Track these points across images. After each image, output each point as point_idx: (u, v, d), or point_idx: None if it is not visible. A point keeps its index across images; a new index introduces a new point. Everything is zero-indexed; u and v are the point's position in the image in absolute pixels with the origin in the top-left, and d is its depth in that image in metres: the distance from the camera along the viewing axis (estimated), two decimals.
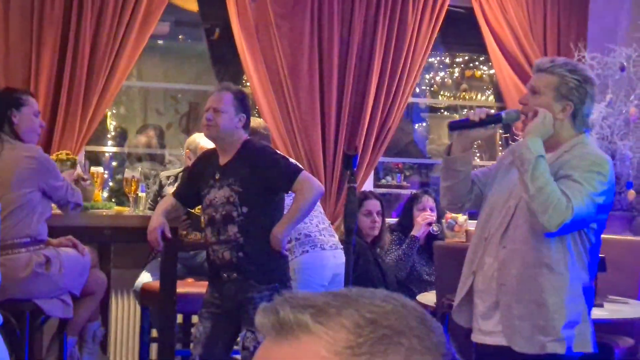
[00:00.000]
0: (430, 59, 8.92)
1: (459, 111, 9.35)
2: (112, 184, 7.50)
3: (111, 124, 8.55)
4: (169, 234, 4.69)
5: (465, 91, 9.45)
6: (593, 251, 3.43)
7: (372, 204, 5.96)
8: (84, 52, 5.88)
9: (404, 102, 6.71)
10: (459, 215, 5.93)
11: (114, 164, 8.13)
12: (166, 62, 9.36)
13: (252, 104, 5.99)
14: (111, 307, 5.96)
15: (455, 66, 9.51)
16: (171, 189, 5.47)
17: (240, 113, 4.49)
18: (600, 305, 4.48)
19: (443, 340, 0.99)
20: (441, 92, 9.72)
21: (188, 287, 5.46)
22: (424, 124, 10.22)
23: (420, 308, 1.00)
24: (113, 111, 8.55)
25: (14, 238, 4.69)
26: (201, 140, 5.51)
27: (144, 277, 5.67)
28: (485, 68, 9.12)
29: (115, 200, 6.23)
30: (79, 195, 4.92)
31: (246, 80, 6.92)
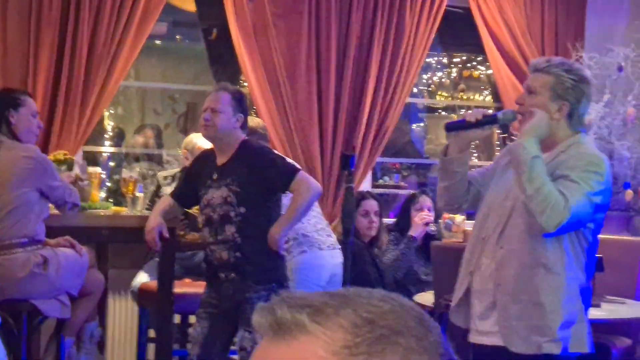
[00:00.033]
0: (428, 59, 8.92)
1: (456, 111, 9.35)
2: (110, 184, 7.49)
3: (109, 125, 8.56)
4: (166, 234, 4.69)
5: (462, 91, 9.45)
6: (590, 251, 3.43)
7: (369, 204, 5.96)
8: (81, 52, 5.88)
9: (402, 102, 6.71)
10: (456, 216, 5.92)
11: (111, 164, 8.13)
12: (164, 62, 9.37)
13: (250, 104, 5.98)
14: (108, 308, 5.96)
15: (453, 66, 9.51)
16: (169, 189, 5.47)
17: (238, 113, 4.49)
18: (598, 305, 4.48)
19: (441, 340, 0.99)
20: (439, 92, 9.72)
21: (185, 287, 5.46)
22: (421, 124, 10.23)
23: (418, 308, 1.00)
24: (111, 111, 8.55)
25: (11, 238, 4.69)
26: (198, 141, 5.51)
27: (142, 278, 5.67)
28: (483, 68, 9.12)
29: (113, 201, 6.23)
30: (76, 195, 4.92)
31: (244, 81, 6.92)
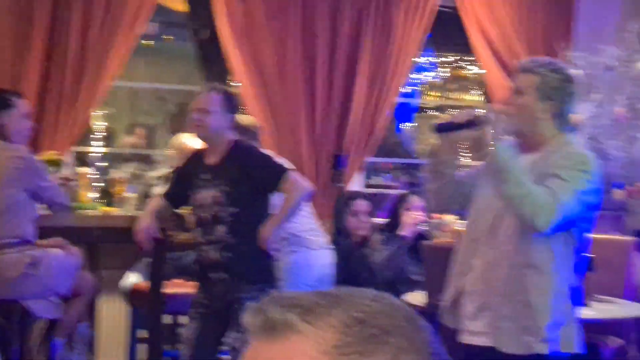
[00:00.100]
0: (419, 59, 8.92)
1: (447, 111, 9.36)
2: (101, 185, 7.47)
3: (99, 125, 8.54)
4: (157, 234, 4.68)
5: (453, 91, 9.46)
6: (580, 251, 3.43)
7: (360, 204, 5.96)
8: (71, 53, 5.87)
9: (392, 102, 6.71)
10: (447, 215, 5.93)
11: (102, 164, 8.10)
12: (154, 63, 9.36)
13: (240, 103, 5.97)
14: (99, 308, 5.95)
15: (445, 66, 9.53)
16: (159, 189, 5.46)
17: (228, 113, 4.49)
18: (588, 305, 4.48)
19: (432, 340, 0.99)
20: (429, 92, 9.73)
21: (176, 287, 5.46)
22: (412, 124, 10.24)
23: (408, 308, 1.00)
24: (101, 112, 8.53)
25: (2, 238, 4.68)
26: (187, 141, 5.51)
27: (132, 278, 5.66)
28: (475, 68, 9.13)
29: (105, 201, 6.21)
30: (65, 196, 4.91)
31: (233, 81, 6.90)
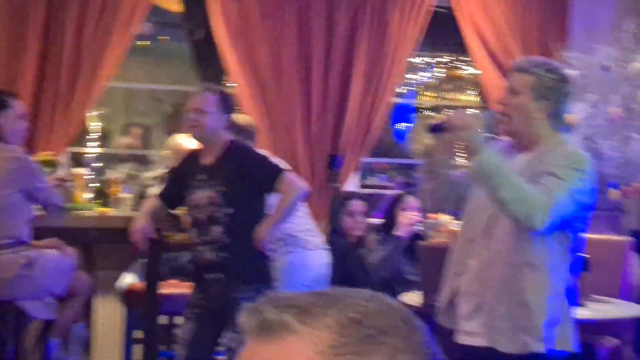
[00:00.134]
0: (414, 59, 8.92)
1: (442, 111, 9.36)
2: (97, 185, 7.47)
3: (94, 125, 8.53)
4: (152, 235, 4.68)
5: (449, 91, 9.46)
6: (575, 251, 3.43)
7: (355, 204, 5.96)
8: (67, 53, 5.86)
9: (388, 102, 6.71)
10: (442, 215, 5.93)
11: (97, 164, 8.10)
12: (149, 63, 9.35)
13: (235, 104, 5.97)
14: (94, 309, 5.94)
15: (441, 66, 9.52)
16: (155, 190, 5.46)
17: (224, 113, 4.49)
18: (584, 305, 4.48)
19: (428, 340, 0.99)
20: (425, 92, 9.73)
21: (172, 288, 5.45)
22: (408, 124, 10.23)
23: (404, 308, 1.00)
24: (96, 112, 8.52)
25: None
26: (182, 141, 5.50)
27: (128, 279, 5.66)
28: (470, 68, 9.13)
29: (101, 201, 6.20)
30: (59, 197, 4.91)
31: (228, 81, 6.90)
